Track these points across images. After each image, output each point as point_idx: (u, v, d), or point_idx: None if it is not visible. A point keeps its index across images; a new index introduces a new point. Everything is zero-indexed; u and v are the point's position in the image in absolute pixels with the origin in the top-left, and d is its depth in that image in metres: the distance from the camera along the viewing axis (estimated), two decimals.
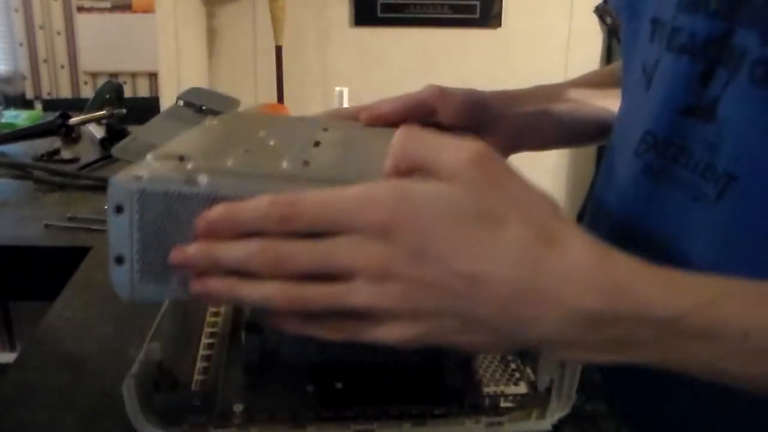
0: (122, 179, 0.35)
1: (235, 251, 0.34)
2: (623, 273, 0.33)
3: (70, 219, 0.83)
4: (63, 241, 0.78)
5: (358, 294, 0.33)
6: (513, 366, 0.47)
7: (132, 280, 0.36)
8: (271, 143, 0.45)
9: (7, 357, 2.06)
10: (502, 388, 0.45)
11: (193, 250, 0.34)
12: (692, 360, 0.33)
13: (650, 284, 0.33)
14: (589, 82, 0.69)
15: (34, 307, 0.82)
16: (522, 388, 0.45)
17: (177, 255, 0.35)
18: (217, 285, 0.35)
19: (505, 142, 0.61)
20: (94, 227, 0.81)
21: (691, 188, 0.46)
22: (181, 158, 0.37)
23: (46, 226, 0.82)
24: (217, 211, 0.34)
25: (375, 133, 0.52)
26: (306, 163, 0.39)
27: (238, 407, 0.39)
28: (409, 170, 0.34)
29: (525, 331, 0.33)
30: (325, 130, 0.51)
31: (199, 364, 0.45)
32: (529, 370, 0.47)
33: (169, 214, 0.35)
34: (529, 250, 0.32)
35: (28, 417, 0.44)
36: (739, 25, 0.43)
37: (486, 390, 0.45)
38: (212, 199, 0.34)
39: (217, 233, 0.34)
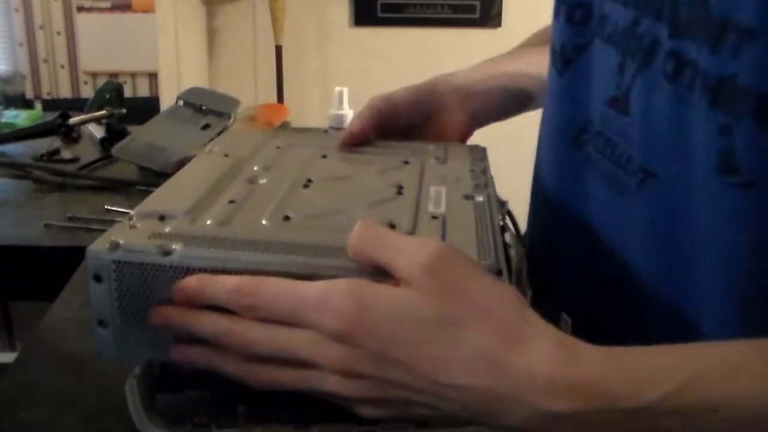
0: (99, 248, 0.36)
1: (205, 327, 0.36)
2: (588, 371, 0.32)
3: (70, 219, 0.83)
4: (63, 241, 0.78)
5: (326, 382, 0.35)
6: None
7: (115, 342, 0.38)
8: (262, 182, 0.47)
9: (7, 357, 2.06)
10: None
11: (171, 312, 0.36)
12: (663, 430, 0.33)
13: (616, 378, 0.32)
14: (541, 41, 0.67)
15: (34, 307, 0.82)
16: None
17: (157, 316, 0.37)
18: (194, 354, 0.37)
19: (463, 116, 0.63)
20: (94, 227, 0.81)
21: (615, 181, 0.46)
22: (162, 218, 0.40)
23: (46, 226, 0.82)
24: (191, 284, 0.36)
25: (371, 157, 0.55)
26: (287, 218, 0.41)
27: (241, 407, 0.39)
28: (366, 267, 0.35)
29: (490, 423, 0.34)
30: (324, 157, 0.54)
31: None
32: None
33: (145, 282, 0.37)
34: (491, 354, 0.32)
35: (28, 417, 0.44)
36: (646, 15, 0.42)
37: None
38: (185, 272, 0.36)
39: (191, 302, 0.36)
